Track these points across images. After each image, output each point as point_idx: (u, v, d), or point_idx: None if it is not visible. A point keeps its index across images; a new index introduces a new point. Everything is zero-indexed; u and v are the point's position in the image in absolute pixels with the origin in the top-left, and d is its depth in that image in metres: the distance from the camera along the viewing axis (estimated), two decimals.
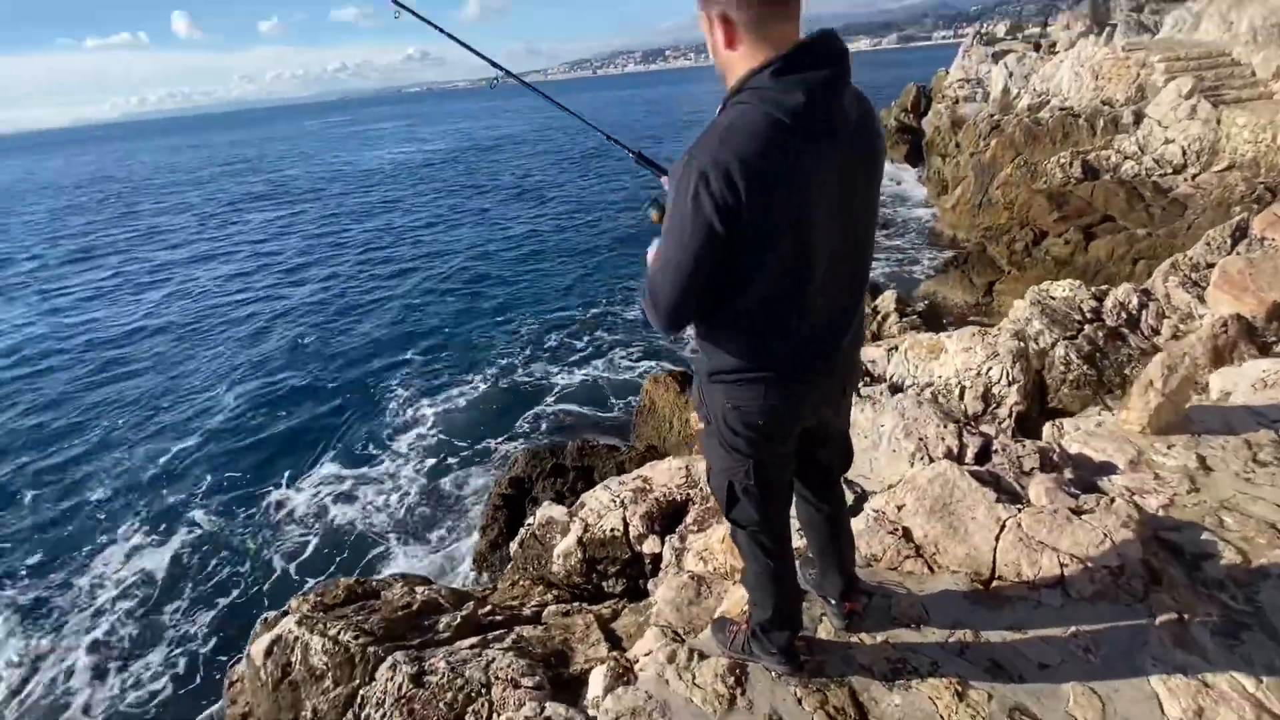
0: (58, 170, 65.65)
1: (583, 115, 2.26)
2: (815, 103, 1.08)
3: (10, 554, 6.72)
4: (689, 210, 1.10)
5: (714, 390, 1.35)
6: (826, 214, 1.17)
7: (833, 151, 1.14)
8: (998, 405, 2.92)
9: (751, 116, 1.08)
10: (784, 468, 1.49)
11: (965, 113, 18.64)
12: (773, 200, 1.09)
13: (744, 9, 1.10)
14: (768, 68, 1.08)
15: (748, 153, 1.06)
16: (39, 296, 16.35)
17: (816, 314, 1.27)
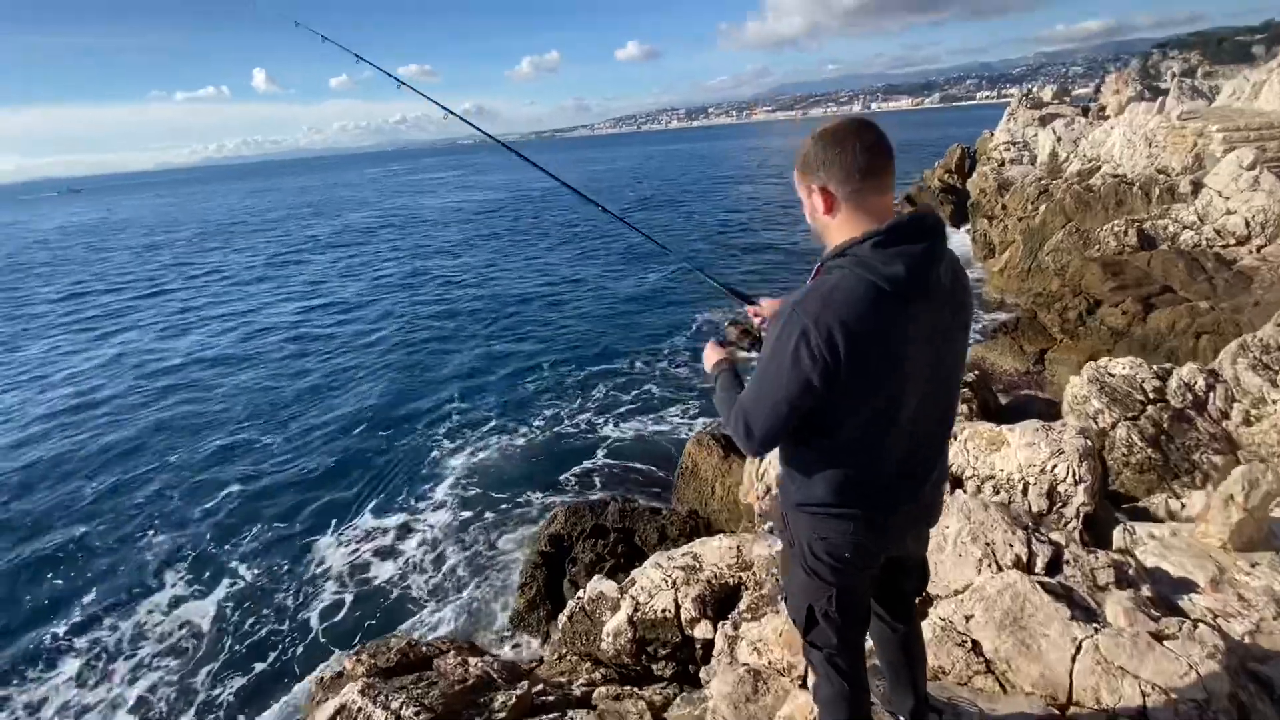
0: (140, 210, 70.75)
1: (634, 224, 2.43)
2: (913, 273, 1.17)
3: (63, 590, 6.95)
4: (788, 360, 1.19)
5: (800, 518, 1.40)
6: (918, 370, 1.25)
7: (927, 315, 1.23)
8: (1063, 505, 2.84)
9: (853, 283, 1.17)
10: (865, 595, 1.52)
11: (1012, 175, 18.61)
12: (869, 361, 1.18)
13: (844, 184, 1.21)
14: (869, 239, 1.18)
15: (849, 317, 1.15)
16: (111, 328, 17.45)
17: (904, 456, 1.33)
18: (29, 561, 7.47)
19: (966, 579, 2.29)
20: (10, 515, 8.44)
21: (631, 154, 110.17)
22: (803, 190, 1.31)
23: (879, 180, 1.21)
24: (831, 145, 1.22)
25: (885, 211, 1.23)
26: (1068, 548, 2.36)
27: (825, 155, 1.22)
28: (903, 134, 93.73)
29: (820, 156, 1.23)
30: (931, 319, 1.24)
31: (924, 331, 1.23)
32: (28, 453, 10.16)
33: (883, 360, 1.20)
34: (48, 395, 12.62)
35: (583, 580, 5.75)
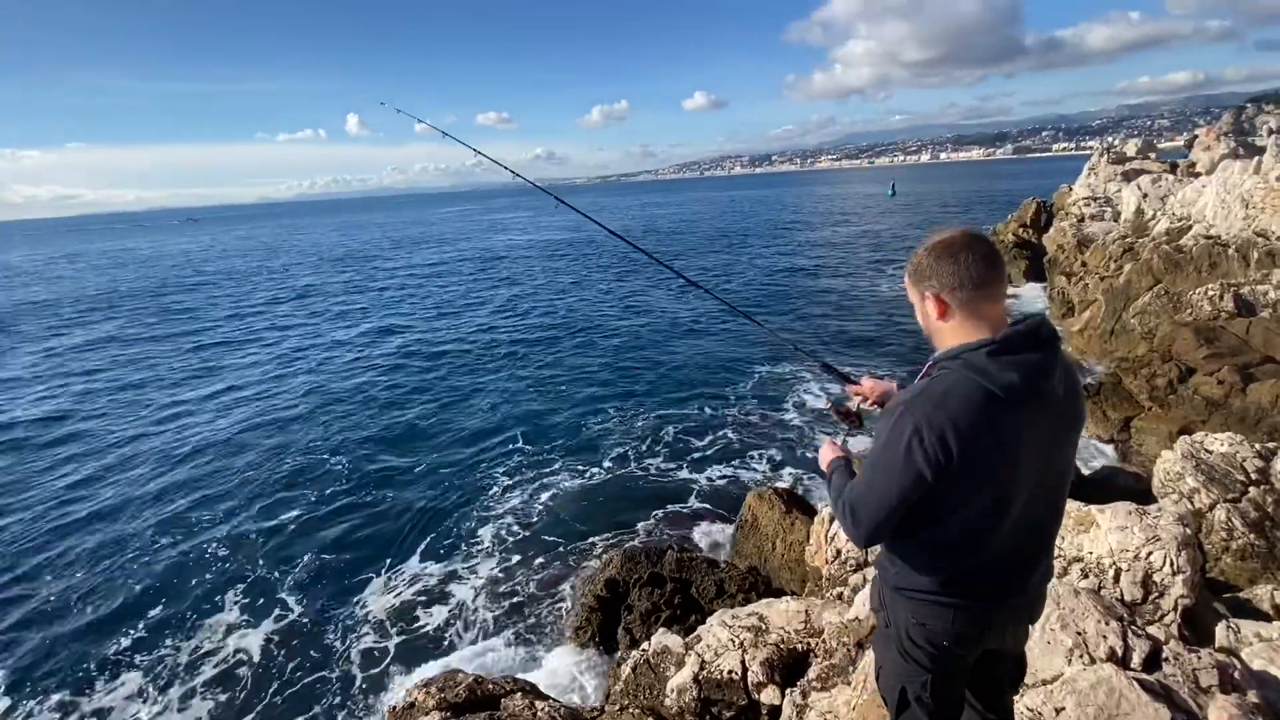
0: (243, 239, 76.94)
1: (697, 282, 2.55)
2: (1028, 382, 1.23)
3: (132, 607, 7.32)
4: (901, 455, 1.25)
5: (899, 601, 1.45)
6: (1028, 474, 1.30)
7: (1040, 422, 1.28)
8: (1159, 595, 2.69)
9: (967, 388, 1.23)
10: (961, 683, 1.54)
11: (1093, 232, 17.94)
12: (979, 463, 1.24)
13: (957, 293, 1.30)
14: (984, 347, 1.25)
15: (962, 419, 1.21)
16: (189, 349, 18.92)
17: (1009, 553, 1.37)
18: (109, 565, 8.06)
19: (1055, 669, 2.21)
20: (98, 523, 9.16)
21: (697, 198, 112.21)
22: (914, 296, 1.39)
23: (991, 290, 1.29)
24: (945, 255, 1.30)
25: (998, 319, 1.29)
26: (1167, 644, 2.25)
27: (938, 265, 1.30)
28: (972, 184, 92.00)
29: (933, 266, 1.31)
30: (1043, 427, 1.28)
31: (1036, 438, 1.27)
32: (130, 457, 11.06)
33: (992, 463, 1.25)
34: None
35: (638, 628, 5.74)
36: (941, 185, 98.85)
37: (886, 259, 27.32)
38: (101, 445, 11.94)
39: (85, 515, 9.41)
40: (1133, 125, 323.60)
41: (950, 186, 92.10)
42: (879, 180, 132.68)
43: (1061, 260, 17.33)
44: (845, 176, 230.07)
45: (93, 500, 9.85)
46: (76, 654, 6.62)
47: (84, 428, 12.99)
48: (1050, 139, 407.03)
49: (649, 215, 71.33)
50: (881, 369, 13.13)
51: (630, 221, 63.49)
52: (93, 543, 8.67)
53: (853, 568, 4.00)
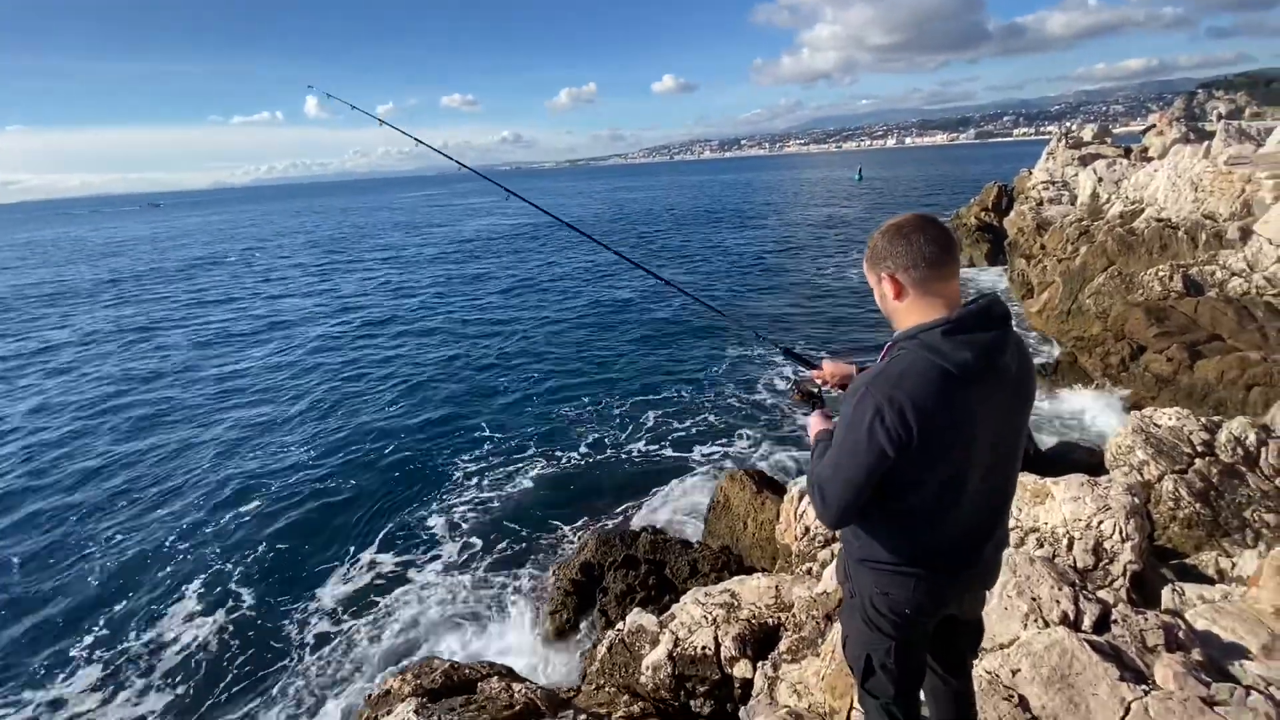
0: (198, 226, 74.01)
1: (684, 287, 2.58)
2: (981, 360, 1.28)
3: (85, 601, 7.17)
4: (864, 435, 1.29)
5: (863, 572, 1.50)
6: (982, 448, 1.35)
7: (993, 397, 1.33)
8: (1110, 561, 2.83)
9: (923, 366, 1.27)
10: (922, 649, 1.59)
11: (1051, 215, 18.44)
12: (937, 439, 1.28)
13: (911, 273, 1.33)
14: (938, 326, 1.29)
15: (919, 397, 1.25)
16: (137, 341, 18.27)
17: (966, 522, 1.42)
18: (67, 554, 7.81)
19: (1012, 633, 2.31)
20: (47, 509, 8.86)
21: (666, 183, 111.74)
22: (872, 279, 1.43)
23: (944, 269, 1.32)
24: (898, 237, 1.34)
25: (952, 298, 1.34)
26: (1116, 607, 2.37)
27: (892, 247, 1.34)
28: (937, 169, 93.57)
29: (888, 248, 1.36)
30: (997, 402, 1.33)
31: (990, 413, 1.32)
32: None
33: (949, 438, 1.29)
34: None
35: (613, 610, 5.80)
36: (908, 170, 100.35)
37: (854, 243, 27.71)
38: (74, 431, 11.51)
39: (45, 509, 9.11)
40: (1089, 110, 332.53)
41: (916, 171, 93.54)
42: (847, 164, 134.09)
43: (1021, 243, 17.80)
44: (813, 161, 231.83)
45: (53, 492, 9.53)
46: (34, 647, 6.44)
47: (57, 421, 12.46)
48: (1011, 124, 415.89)
49: (618, 200, 70.89)
50: (848, 351, 13.37)
51: (600, 207, 63.01)
52: (51, 537, 8.39)
53: (821, 543, 4.09)
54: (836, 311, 17.16)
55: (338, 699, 5.65)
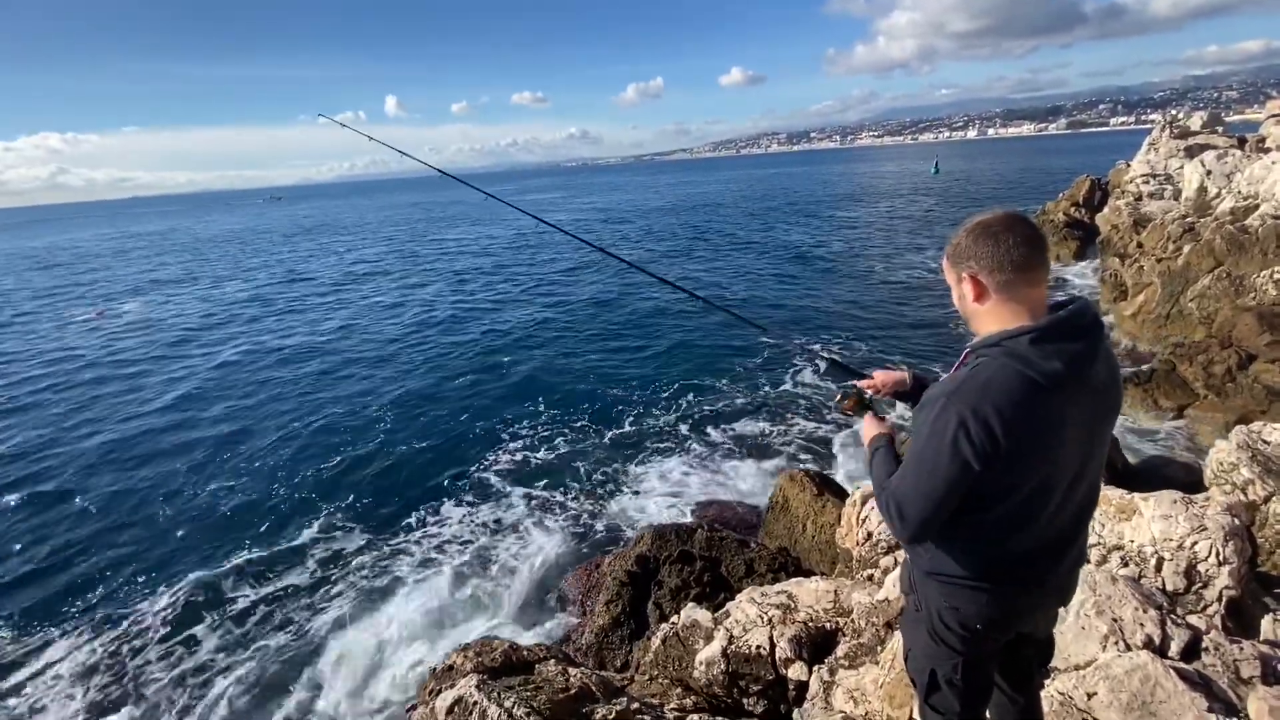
0: (295, 218, 79.03)
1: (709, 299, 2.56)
2: (1071, 370, 1.21)
3: (170, 555, 7.92)
4: (947, 448, 1.23)
5: (931, 585, 1.46)
6: (1069, 461, 1.29)
7: (1081, 409, 1.26)
8: (1204, 586, 2.62)
9: (1010, 377, 1.21)
10: (991, 666, 1.55)
11: (1151, 211, 17.07)
12: (1023, 452, 1.22)
13: (996, 275, 1.26)
14: (1026, 334, 1.22)
15: (1006, 409, 1.19)
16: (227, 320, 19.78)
17: (1046, 536, 1.36)
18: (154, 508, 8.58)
19: (1089, 654, 2.19)
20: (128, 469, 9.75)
21: (728, 177, 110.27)
22: (951, 277, 1.37)
23: (1032, 273, 1.25)
24: (985, 237, 1.27)
25: (1039, 303, 1.27)
26: (1208, 634, 2.20)
27: (978, 246, 1.28)
28: (1022, 161, 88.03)
29: (972, 247, 1.29)
30: (1085, 415, 1.27)
31: (1077, 425, 1.26)
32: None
33: (1036, 452, 1.23)
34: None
35: (667, 603, 5.84)
36: (989, 162, 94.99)
37: (927, 239, 26.52)
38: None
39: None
40: (1199, 97, 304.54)
41: (998, 163, 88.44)
42: (923, 157, 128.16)
43: (1116, 241, 16.57)
44: (887, 153, 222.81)
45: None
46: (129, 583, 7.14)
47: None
48: (1108, 112, 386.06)
49: (680, 195, 70.48)
50: (915, 355, 12.84)
51: (662, 201, 62.91)
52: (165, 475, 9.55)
53: (884, 550, 3.99)
54: (905, 312, 16.48)
55: (403, 668, 5.96)
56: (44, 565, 7.87)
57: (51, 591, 7.38)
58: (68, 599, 7.24)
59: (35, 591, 7.39)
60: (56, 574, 7.71)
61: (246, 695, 5.73)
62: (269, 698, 5.72)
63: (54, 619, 6.90)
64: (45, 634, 6.66)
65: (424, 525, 8.31)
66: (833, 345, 12.34)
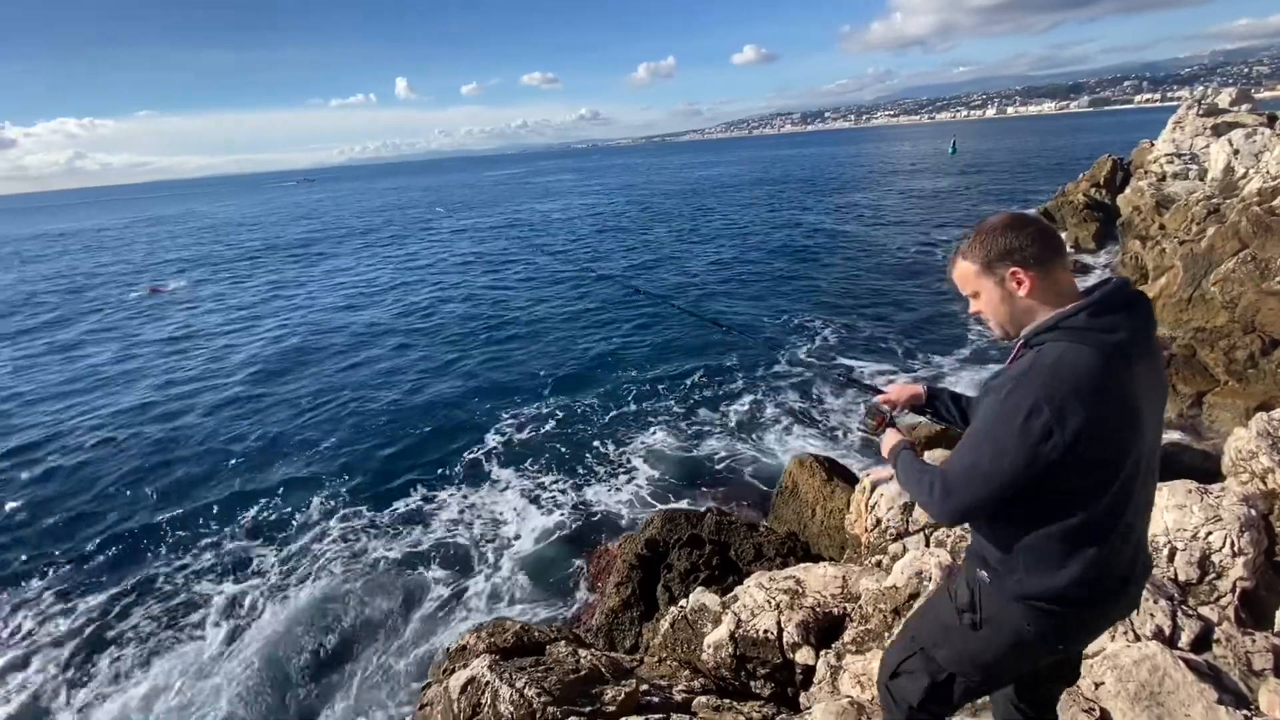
0: (301, 203, 79.50)
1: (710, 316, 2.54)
2: (1137, 337, 1.19)
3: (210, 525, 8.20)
4: (1015, 433, 1.18)
5: (1015, 609, 1.36)
6: (1149, 438, 1.25)
7: (1152, 382, 1.24)
8: (1217, 576, 2.59)
9: (1078, 354, 1.17)
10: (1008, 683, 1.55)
11: (1174, 192, 16.67)
12: (1107, 431, 1.17)
13: (1041, 263, 1.26)
14: (1082, 310, 1.20)
15: (1083, 386, 1.15)
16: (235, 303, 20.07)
17: (1129, 541, 1.31)
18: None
19: (1097, 644, 2.19)
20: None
21: (739, 158, 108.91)
22: (989, 282, 1.32)
23: (1065, 259, 1.29)
24: (1017, 230, 1.28)
25: (1074, 288, 1.27)
26: (1220, 625, 2.19)
27: (1013, 240, 1.27)
28: (1042, 140, 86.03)
29: (1008, 243, 1.28)
30: (1154, 386, 1.25)
31: (1151, 399, 1.24)
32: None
33: (1120, 429, 1.19)
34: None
35: (677, 586, 5.90)
36: (1008, 141, 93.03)
37: (944, 220, 26.11)
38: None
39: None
40: (1228, 73, 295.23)
41: (1017, 142, 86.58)
42: (939, 136, 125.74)
43: (1137, 223, 16.21)
44: (903, 133, 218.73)
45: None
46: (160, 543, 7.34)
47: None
48: (1133, 89, 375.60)
49: (686, 179, 69.70)
50: (928, 348, 12.68)
51: (668, 185, 62.30)
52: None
53: (892, 536, 3.99)
54: (919, 304, 16.15)
55: (418, 648, 6.09)
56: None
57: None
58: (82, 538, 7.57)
59: None
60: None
61: (259, 672, 5.86)
62: (281, 676, 5.85)
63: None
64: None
65: (431, 504, 8.46)
66: (849, 349, 12.27)
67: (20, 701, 5.73)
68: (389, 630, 6.35)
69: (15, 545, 8.04)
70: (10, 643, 6.41)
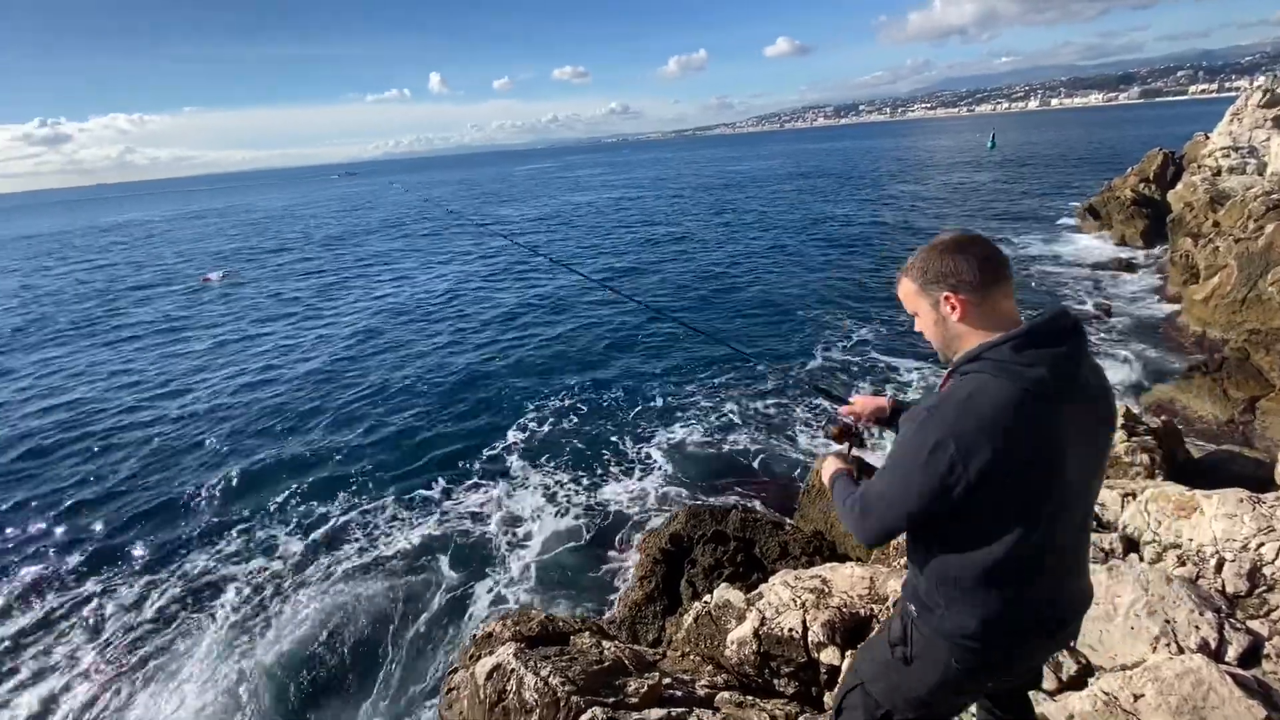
0: (340, 196, 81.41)
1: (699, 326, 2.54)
2: (1058, 375, 1.16)
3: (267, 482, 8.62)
4: (920, 466, 1.19)
5: (942, 647, 1.37)
6: (1071, 477, 1.23)
7: (1076, 418, 1.21)
8: (1269, 589, 2.47)
9: (995, 388, 1.16)
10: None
11: (1230, 187, 15.96)
12: (1018, 467, 1.16)
13: (976, 289, 1.24)
14: (1007, 342, 1.18)
15: (991, 423, 1.14)
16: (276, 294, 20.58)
17: (1052, 582, 1.31)
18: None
19: (1138, 654, 2.11)
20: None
21: (769, 152, 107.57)
22: (924, 303, 1.32)
23: (1004, 285, 1.25)
24: (955, 253, 1.26)
25: (1013, 315, 1.25)
26: (1270, 640, 2.09)
27: (951, 264, 1.26)
28: (1087, 133, 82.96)
29: (947, 265, 1.26)
30: (1080, 426, 1.21)
31: (1075, 438, 1.21)
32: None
33: (1034, 467, 1.18)
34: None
35: (700, 582, 5.90)
36: (1051, 134, 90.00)
37: (980, 218, 25.40)
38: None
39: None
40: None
41: (1061, 136, 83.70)
42: (978, 130, 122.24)
43: (1189, 220, 15.55)
44: (940, 126, 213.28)
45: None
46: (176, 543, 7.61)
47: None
48: (1187, 80, 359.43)
49: (711, 174, 69.12)
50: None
51: (691, 179, 61.89)
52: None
53: None
54: None
55: (444, 634, 6.22)
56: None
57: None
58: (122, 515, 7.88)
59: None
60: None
61: (288, 655, 6.03)
62: (309, 658, 6.02)
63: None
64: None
65: (454, 496, 8.60)
66: (826, 366, 12.14)
67: (61, 678, 5.98)
68: (413, 617, 6.50)
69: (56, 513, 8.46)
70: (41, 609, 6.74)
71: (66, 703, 5.72)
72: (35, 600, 7.00)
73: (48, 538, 8.15)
